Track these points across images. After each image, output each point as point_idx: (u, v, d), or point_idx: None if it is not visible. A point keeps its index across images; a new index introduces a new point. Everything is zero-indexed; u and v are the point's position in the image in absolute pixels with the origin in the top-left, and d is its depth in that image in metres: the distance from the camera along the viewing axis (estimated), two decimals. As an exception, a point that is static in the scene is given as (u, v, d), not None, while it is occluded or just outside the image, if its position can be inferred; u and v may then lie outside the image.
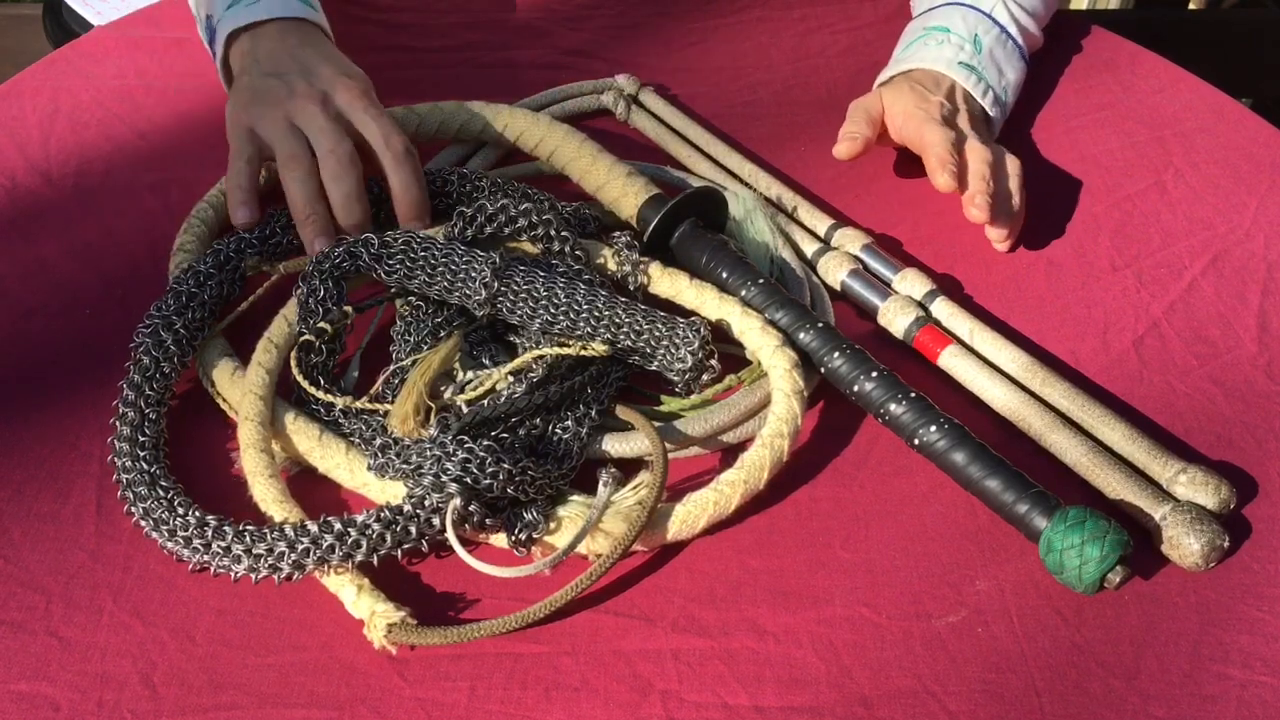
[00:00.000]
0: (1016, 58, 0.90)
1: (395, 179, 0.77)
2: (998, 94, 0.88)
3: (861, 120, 0.84)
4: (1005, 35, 0.90)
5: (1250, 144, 0.91)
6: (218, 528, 0.62)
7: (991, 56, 0.88)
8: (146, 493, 0.64)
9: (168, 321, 0.71)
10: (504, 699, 0.58)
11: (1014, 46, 0.90)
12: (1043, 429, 0.68)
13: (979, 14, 0.90)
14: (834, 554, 0.65)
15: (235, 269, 0.75)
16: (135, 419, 0.67)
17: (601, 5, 1.08)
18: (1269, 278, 0.80)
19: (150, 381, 0.69)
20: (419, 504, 0.62)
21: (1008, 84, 0.89)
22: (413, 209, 0.77)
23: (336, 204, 0.76)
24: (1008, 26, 0.90)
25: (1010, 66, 0.90)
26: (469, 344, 0.71)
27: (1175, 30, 1.57)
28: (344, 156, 0.76)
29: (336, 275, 0.71)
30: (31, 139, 0.92)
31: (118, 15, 1.15)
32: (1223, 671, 0.59)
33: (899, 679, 0.59)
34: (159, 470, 0.65)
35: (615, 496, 0.63)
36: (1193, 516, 0.62)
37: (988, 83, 0.87)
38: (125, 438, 0.66)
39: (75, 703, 0.58)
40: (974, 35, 0.88)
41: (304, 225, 0.76)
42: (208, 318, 0.73)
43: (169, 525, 0.63)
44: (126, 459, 0.66)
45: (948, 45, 0.88)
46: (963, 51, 0.88)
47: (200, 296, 0.72)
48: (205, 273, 0.74)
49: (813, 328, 0.71)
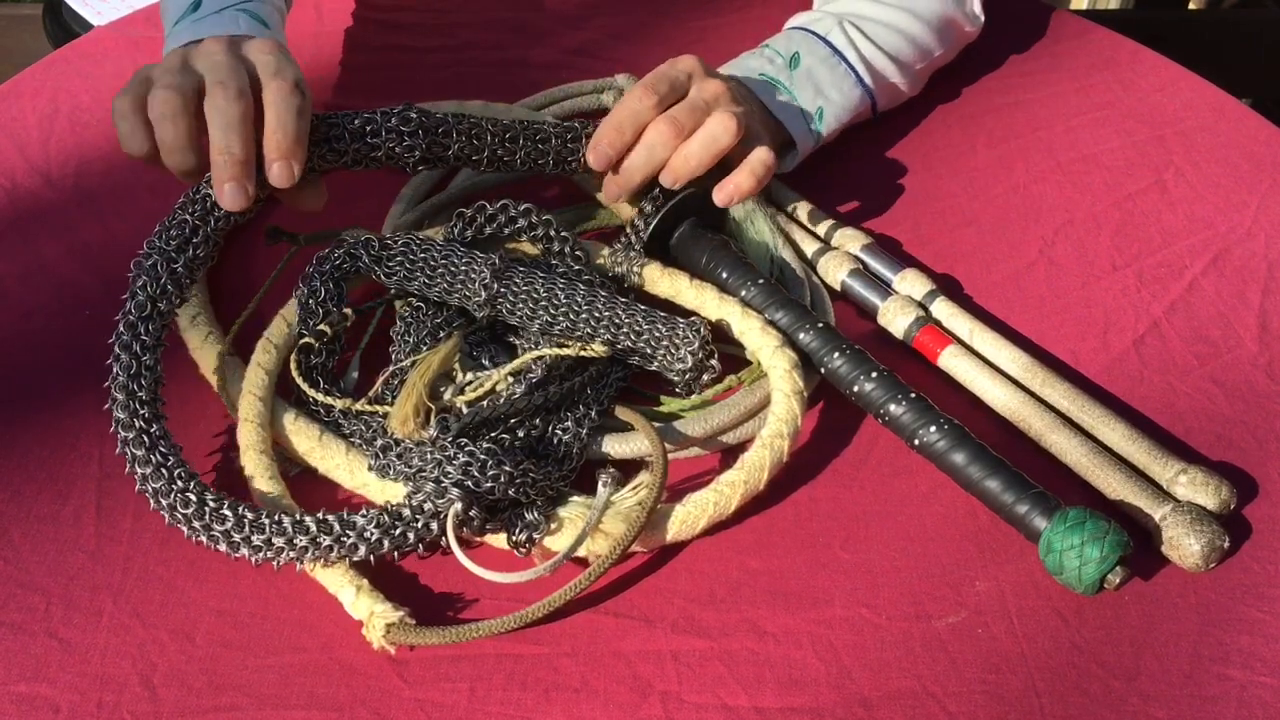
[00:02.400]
0: (850, 84, 0.87)
1: (271, 111, 0.70)
2: (806, 111, 0.85)
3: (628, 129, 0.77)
4: (838, 59, 0.87)
5: (1251, 143, 0.91)
6: (216, 509, 0.61)
7: (809, 75, 0.85)
8: (145, 456, 0.62)
9: (168, 257, 0.67)
10: (504, 700, 0.58)
11: (847, 70, 0.87)
12: (1043, 429, 0.68)
13: (810, 35, 0.88)
14: (834, 555, 0.65)
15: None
16: (130, 364, 0.64)
17: (602, 5, 1.08)
18: (1270, 277, 0.80)
19: (146, 322, 0.65)
20: (418, 508, 0.62)
21: (827, 104, 0.86)
22: (279, 147, 0.69)
23: (213, 136, 0.69)
24: (843, 51, 0.87)
25: (836, 90, 0.86)
26: (469, 345, 0.71)
27: (1175, 30, 1.57)
28: (233, 91, 0.69)
29: (336, 276, 0.71)
30: (31, 139, 0.92)
31: (118, 15, 1.15)
32: (1223, 672, 0.59)
33: (899, 680, 0.59)
34: (159, 430, 0.63)
35: (615, 497, 0.63)
36: (1193, 517, 0.62)
37: (793, 98, 0.85)
38: (121, 387, 0.63)
39: (75, 704, 0.58)
40: (794, 54, 0.86)
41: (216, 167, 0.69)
42: (211, 253, 0.69)
43: (168, 499, 0.62)
44: (122, 412, 0.63)
45: (759, 58, 0.86)
46: (771, 65, 0.85)
47: (204, 229, 0.68)
48: (214, 200, 0.68)
49: (813, 328, 0.71)
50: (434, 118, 0.73)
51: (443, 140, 0.74)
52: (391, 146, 0.73)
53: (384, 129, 0.72)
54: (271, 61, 0.72)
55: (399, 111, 0.73)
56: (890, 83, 0.90)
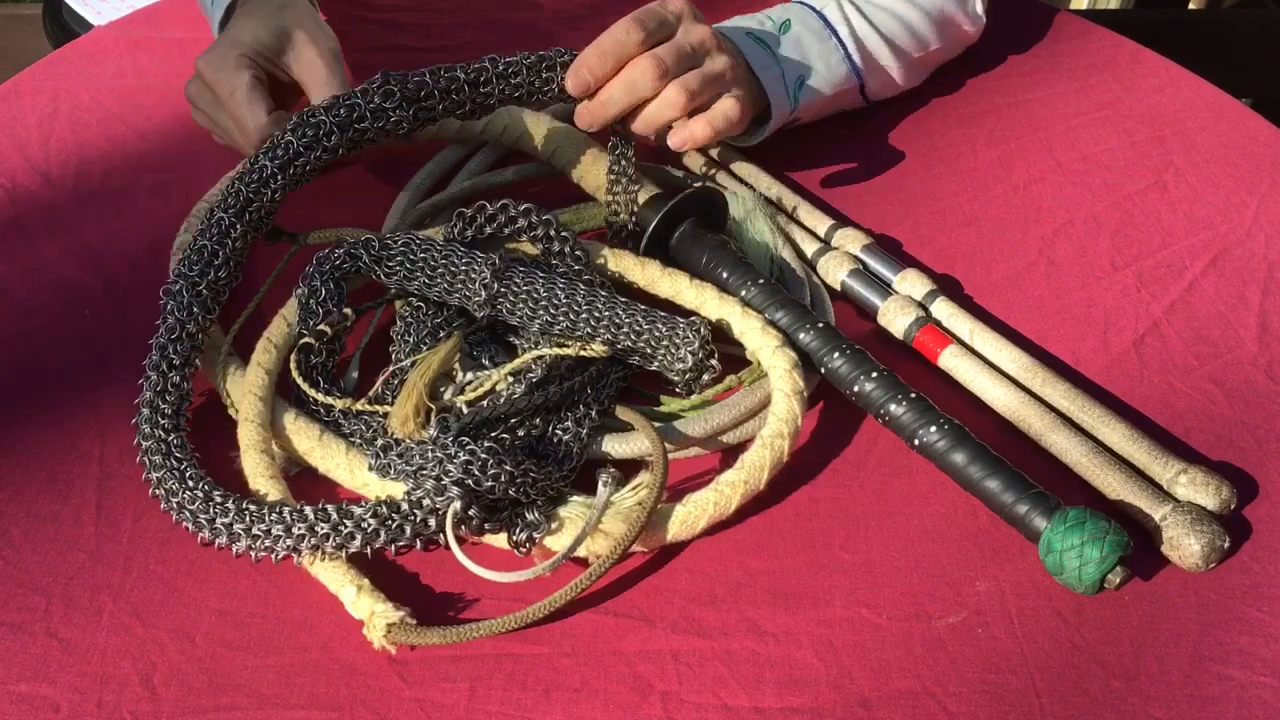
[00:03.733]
0: (837, 59, 0.87)
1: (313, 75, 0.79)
2: (787, 76, 0.84)
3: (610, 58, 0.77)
4: (829, 32, 0.87)
5: (1251, 143, 0.91)
6: (222, 503, 0.62)
7: (799, 42, 0.85)
8: (161, 461, 0.64)
9: (192, 282, 0.70)
10: (504, 700, 0.58)
11: (836, 45, 0.87)
12: (1043, 429, 0.68)
13: (805, 6, 0.88)
14: (834, 555, 0.65)
15: (260, 207, 0.73)
16: (158, 382, 0.67)
17: (602, 5, 1.07)
18: (1270, 277, 0.80)
19: (175, 344, 0.68)
20: (417, 504, 0.62)
21: (810, 73, 0.85)
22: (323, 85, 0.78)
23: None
24: (835, 25, 0.87)
25: (823, 61, 0.86)
26: (469, 345, 0.71)
27: (1175, 30, 1.57)
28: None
29: (337, 276, 0.71)
30: (31, 139, 0.92)
31: (118, 15, 1.16)
32: (1223, 672, 0.59)
33: (899, 680, 0.59)
34: (177, 440, 0.65)
35: (615, 497, 0.63)
36: (1193, 517, 0.62)
37: (776, 62, 0.84)
38: (147, 402, 0.66)
39: (75, 704, 0.58)
40: (785, 20, 0.86)
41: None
42: (234, 273, 0.72)
43: (179, 498, 0.63)
44: (146, 424, 0.66)
45: (751, 20, 0.86)
46: (761, 28, 0.85)
47: (223, 252, 0.71)
48: (229, 222, 0.72)
49: (813, 328, 0.71)
50: (411, 82, 0.73)
51: (425, 103, 0.74)
52: (380, 125, 0.73)
53: (369, 111, 0.72)
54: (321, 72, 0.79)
55: (378, 88, 0.73)
56: (881, 66, 0.90)
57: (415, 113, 0.73)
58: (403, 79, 0.73)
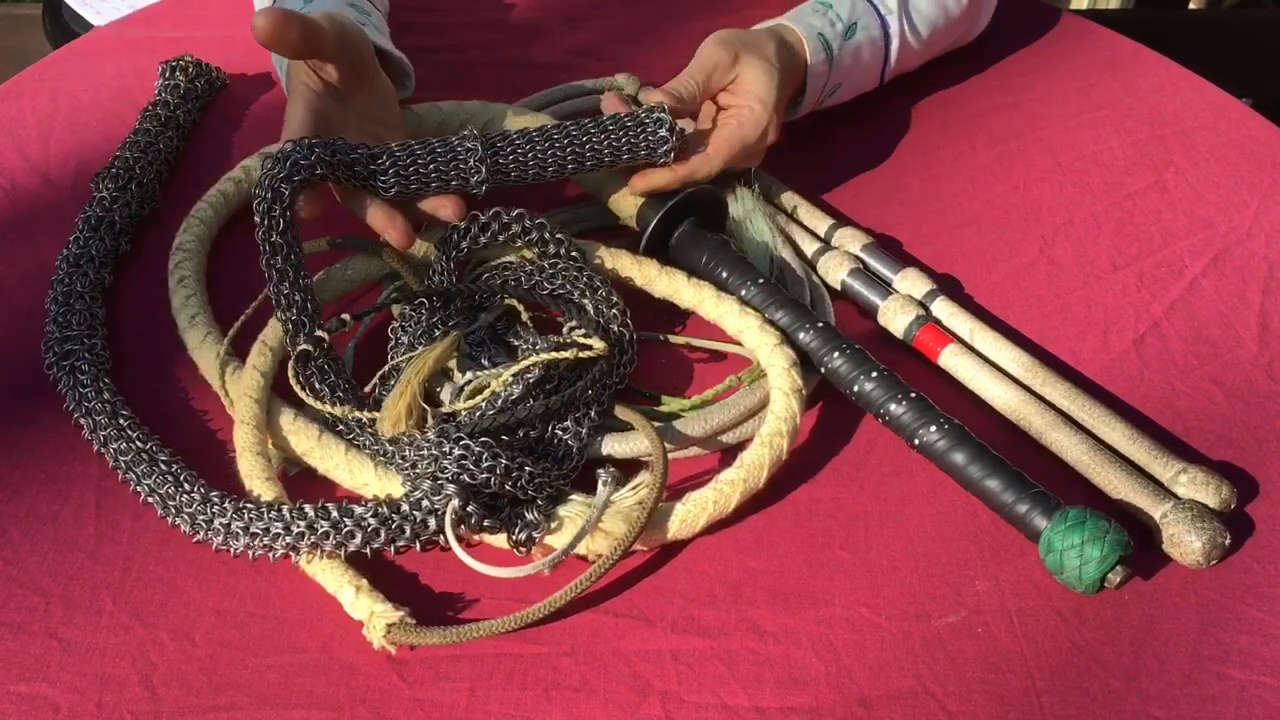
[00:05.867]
0: (876, 70, 0.89)
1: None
2: (828, 83, 0.86)
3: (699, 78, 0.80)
4: (884, 41, 0.88)
5: (1251, 142, 0.91)
6: (220, 503, 0.62)
7: (857, 54, 0.86)
8: (149, 469, 0.66)
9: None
10: (504, 700, 0.58)
11: (884, 57, 0.89)
12: (1043, 427, 0.68)
13: (873, 10, 0.88)
14: (834, 554, 0.65)
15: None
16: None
17: (603, 5, 1.08)
18: (1270, 277, 0.80)
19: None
20: (416, 504, 0.62)
21: (850, 84, 0.88)
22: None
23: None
24: (892, 37, 0.88)
25: (866, 74, 0.88)
26: (468, 345, 0.71)
27: (1175, 30, 1.57)
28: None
29: (296, 181, 0.67)
30: (31, 139, 0.92)
31: (118, 15, 1.16)
32: (1223, 672, 0.59)
33: (899, 679, 0.59)
34: (154, 446, 0.67)
35: (615, 496, 0.63)
36: (1194, 514, 0.62)
37: (830, 73, 0.85)
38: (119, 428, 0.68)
39: (75, 704, 0.58)
40: (851, 24, 0.86)
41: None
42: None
43: (175, 500, 0.64)
44: (122, 440, 0.67)
45: (819, 13, 0.86)
46: (834, 27, 0.85)
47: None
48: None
49: (812, 327, 0.71)
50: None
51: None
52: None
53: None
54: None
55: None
56: (908, 70, 0.92)
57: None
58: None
